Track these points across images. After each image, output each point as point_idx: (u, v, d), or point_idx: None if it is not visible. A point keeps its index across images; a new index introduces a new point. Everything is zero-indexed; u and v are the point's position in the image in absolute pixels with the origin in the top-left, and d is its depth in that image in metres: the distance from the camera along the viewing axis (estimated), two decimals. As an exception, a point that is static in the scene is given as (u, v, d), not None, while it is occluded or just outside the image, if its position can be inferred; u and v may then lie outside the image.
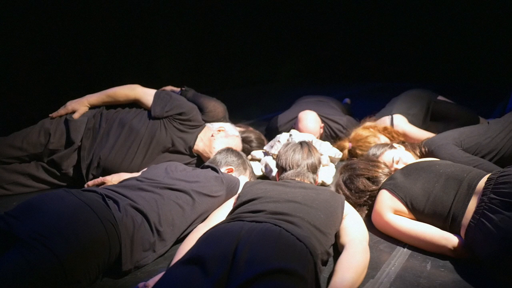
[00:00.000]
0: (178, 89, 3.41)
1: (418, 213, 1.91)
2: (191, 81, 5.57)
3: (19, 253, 1.41)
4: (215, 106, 3.14)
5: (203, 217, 1.95)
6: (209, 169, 2.13)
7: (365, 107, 3.79)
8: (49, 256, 1.41)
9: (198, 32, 5.81)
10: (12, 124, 2.62)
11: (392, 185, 2.02)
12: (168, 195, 1.88)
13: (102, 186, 2.15)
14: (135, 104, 2.75)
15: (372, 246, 1.90)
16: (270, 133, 3.57)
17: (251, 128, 3.36)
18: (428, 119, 3.55)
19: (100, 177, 2.36)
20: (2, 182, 2.44)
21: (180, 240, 1.84)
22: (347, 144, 3.11)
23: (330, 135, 3.49)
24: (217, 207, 1.99)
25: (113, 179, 2.30)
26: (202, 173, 2.08)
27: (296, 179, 2.07)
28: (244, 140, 3.11)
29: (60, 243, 1.45)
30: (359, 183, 2.24)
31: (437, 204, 1.86)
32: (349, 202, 2.22)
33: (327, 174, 2.69)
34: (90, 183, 2.31)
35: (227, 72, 6.31)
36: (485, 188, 1.73)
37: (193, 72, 5.77)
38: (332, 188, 2.42)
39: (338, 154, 2.92)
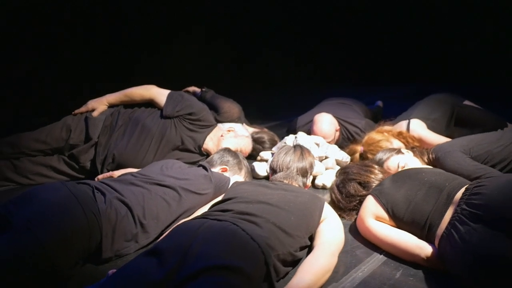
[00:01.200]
0: (199, 90, 3.57)
1: (398, 220, 1.89)
2: (226, 80, 5.75)
3: (9, 237, 1.60)
4: (230, 107, 3.25)
5: (189, 213, 2.06)
6: (201, 167, 2.23)
7: (403, 110, 3.67)
8: (33, 241, 1.58)
9: (233, 33, 5.96)
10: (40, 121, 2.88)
11: (378, 191, 2.01)
12: (156, 190, 2.00)
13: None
14: (151, 104, 2.91)
15: (349, 250, 1.91)
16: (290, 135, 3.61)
17: (265, 129, 3.42)
18: (452, 124, 3.41)
19: (110, 172, 2.56)
20: (27, 172, 2.69)
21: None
22: (359, 148, 3.08)
23: (348, 138, 3.46)
24: (204, 204, 2.09)
25: (121, 174, 2.47)
26: (193, 171, 2.19)
27: (285, 181, 2.12)
28: (257, 141, 3.19)
29: (45, 229, 1.61)
30: (350, 187, 2.25)
31: (416, 213, 1.83)
32: (339, 206, 2.26)
33: (329, 178, 2.69)
34: (100, 177, 2.50)
35: (261, 72, 6.40)
36: (461, 198, 1.69)
37: (228, 72, 5.92)
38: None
39: (345, 157, 2.91)
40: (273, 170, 2.22)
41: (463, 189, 1.73)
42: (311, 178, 2.26)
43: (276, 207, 1.77)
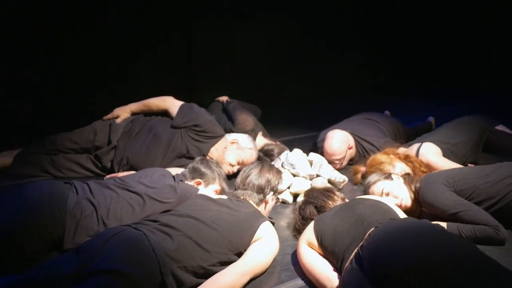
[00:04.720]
0: (225, 101, 3.83)
1: (324, 249, 1.91)
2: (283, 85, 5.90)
3: None
4: (244, 119, 3.45)
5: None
6: (172, 178, 2.47)
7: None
8: (3, 228, 1.98)
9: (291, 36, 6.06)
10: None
11: (319, 218, 2.04)
12: (124, 195, 2.29)
13: None
14: (167, 113, 3.24)
15: (277, 272, 1.98)
16: (314, 148, 3.64)
17: (278, 142, 3.52)
18: (480, 150, 3.13)
19: (117, 173, 2.95)
20: (61, 167, 3.19)
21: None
22: (362, 169, 3.03)
23: (364, 156, 3.39)
24: (167, 211, 2.33)
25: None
26: (162, 180, 2.43)
27: (241, 197, 2.25)
28: (266, 153, 3.33)
29: (15, 219, 2.01)
30: (307, 210, 2.28)
31: (337, 244, 1.83)
32: (295, 226, 2.32)
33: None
34: (108, 176, 2.89)
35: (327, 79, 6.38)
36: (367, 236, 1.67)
37: (287, 78, 6.04)
38: None
39: (339, 177, 2.89)
40: (235, 185, 2.36)
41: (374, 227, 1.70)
42: (271, 194, 2.31)
43: (202, 223, 1.92)
